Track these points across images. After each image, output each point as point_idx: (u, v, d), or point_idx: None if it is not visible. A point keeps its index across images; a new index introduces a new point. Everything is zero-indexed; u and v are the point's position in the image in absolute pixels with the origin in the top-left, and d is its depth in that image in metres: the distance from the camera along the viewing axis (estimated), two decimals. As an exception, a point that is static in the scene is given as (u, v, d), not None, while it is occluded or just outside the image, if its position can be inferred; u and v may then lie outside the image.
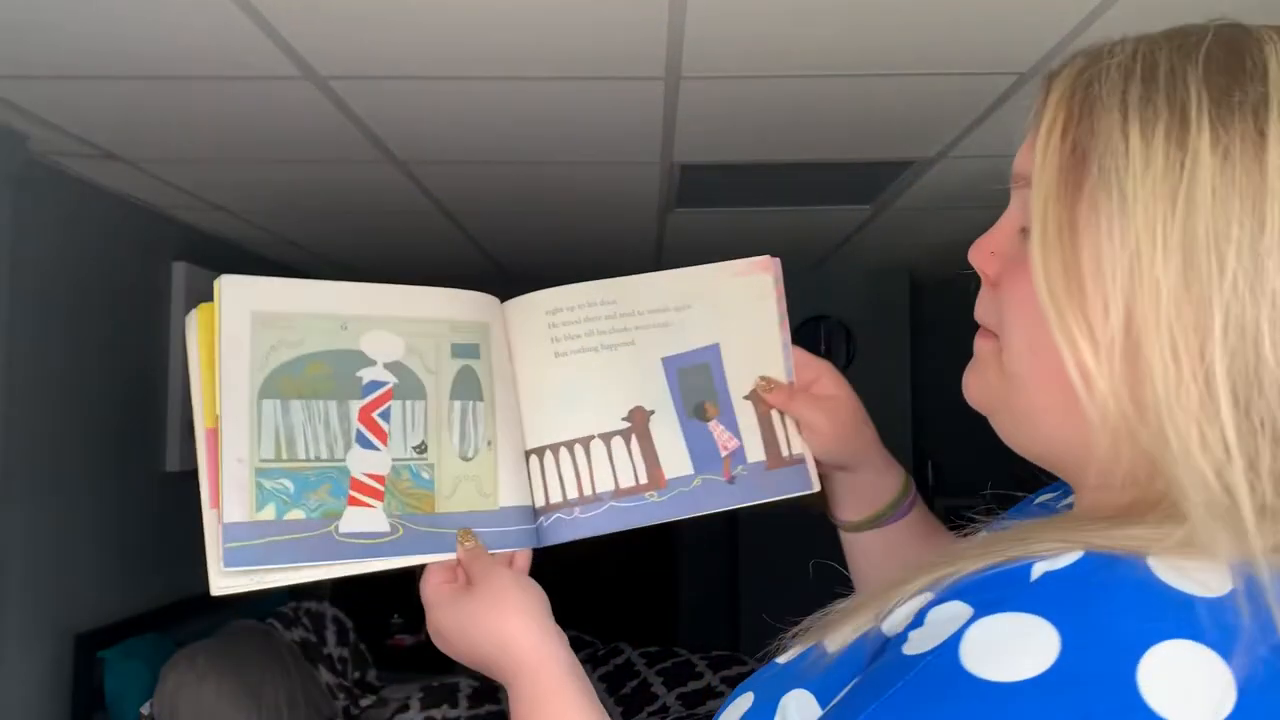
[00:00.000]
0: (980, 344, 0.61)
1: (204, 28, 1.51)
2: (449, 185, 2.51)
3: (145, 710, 2.49)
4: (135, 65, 1.66)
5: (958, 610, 0.46)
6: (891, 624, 0.49)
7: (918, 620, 0.48)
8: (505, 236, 3.17)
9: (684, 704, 3.15)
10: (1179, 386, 0.46)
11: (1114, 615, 0.43)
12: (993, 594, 0.46)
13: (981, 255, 0.60)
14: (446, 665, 3.98)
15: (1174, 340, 0.47)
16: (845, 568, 0.90)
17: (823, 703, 0.51)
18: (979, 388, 0.60)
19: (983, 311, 0.61)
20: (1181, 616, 0.43)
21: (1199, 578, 0.44)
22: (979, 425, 0.62)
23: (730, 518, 4.35)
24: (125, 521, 2.61)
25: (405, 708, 3.06)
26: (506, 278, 3.90)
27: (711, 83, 1.77)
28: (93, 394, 2.47)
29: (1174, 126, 0.48)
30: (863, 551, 0.88)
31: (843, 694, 0.49)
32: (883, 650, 0.49)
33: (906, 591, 0.50)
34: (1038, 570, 0.46)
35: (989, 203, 0.61)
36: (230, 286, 0.74)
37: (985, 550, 0.49)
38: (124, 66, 1.67)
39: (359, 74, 1.71)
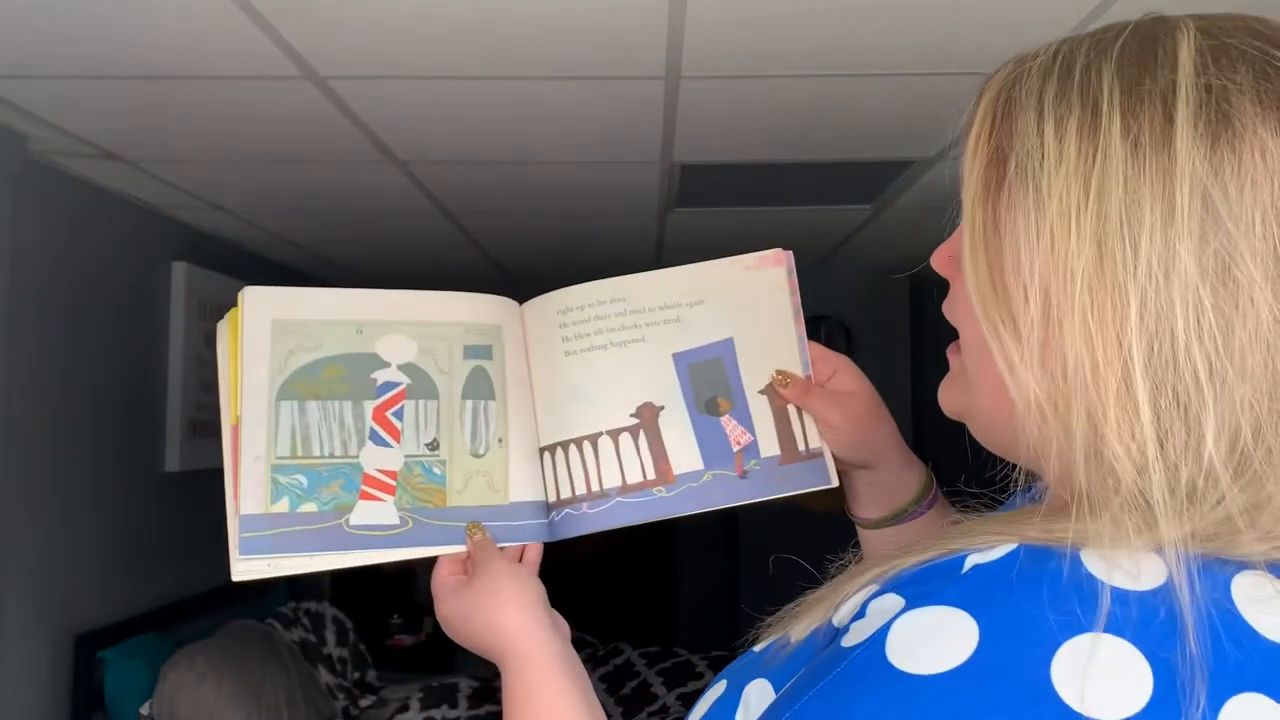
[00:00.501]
0: (950, 356, 0.63)
1: (204, 28, 1.51)
2: (449, 185, 2.51)
3: (145, 710, 2.49)
4: (135, 65, 1.67)
5: (891, 602, 0.47)
6: (841, 615, 0.50)
7: (860, 612, 0.49)
8: (505, 236, 3.18)
9: (684, 704, 3.15)
10: (1094, 372, 0.47)
11: (1033, 608, 0.43)
12: (924, 587, 0.47)
13: (941, 259, 0.61)
14: (446, 665, 3.98)
15: (1089, 327, 0.47)
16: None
17: (777, 692, 0.51)
18: (948, 397, 0.62)
19: (949, 310, 0.62)
20: (1105, 609, 0.43)
21: (1130, 570, 0.45)
22: (979, 426, 0.62)
23: (731, 517, 4.35)
24: (125, 521, 2.61)
25: (405, 708, 3.06)
26: (507, 278, 3.90)
27: (711, 83, 1.77)
28: (93, 394, 2.47)
29: (1086, 119, 0.50)
30: (882, 549, 0.86)
31: (789, 684, 0.50)
32: (832, 641, 0.50)
33: (859, 583, 0.51)
34: (969, 563, 0.47)
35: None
36: (252, 296, 0.80)
37: (933, 543, 0.50)
38: (124, 66, 1.67)
39: (359, 74, 1.71)
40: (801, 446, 0.85)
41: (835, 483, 0.85)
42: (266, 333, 0.79)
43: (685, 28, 1.53)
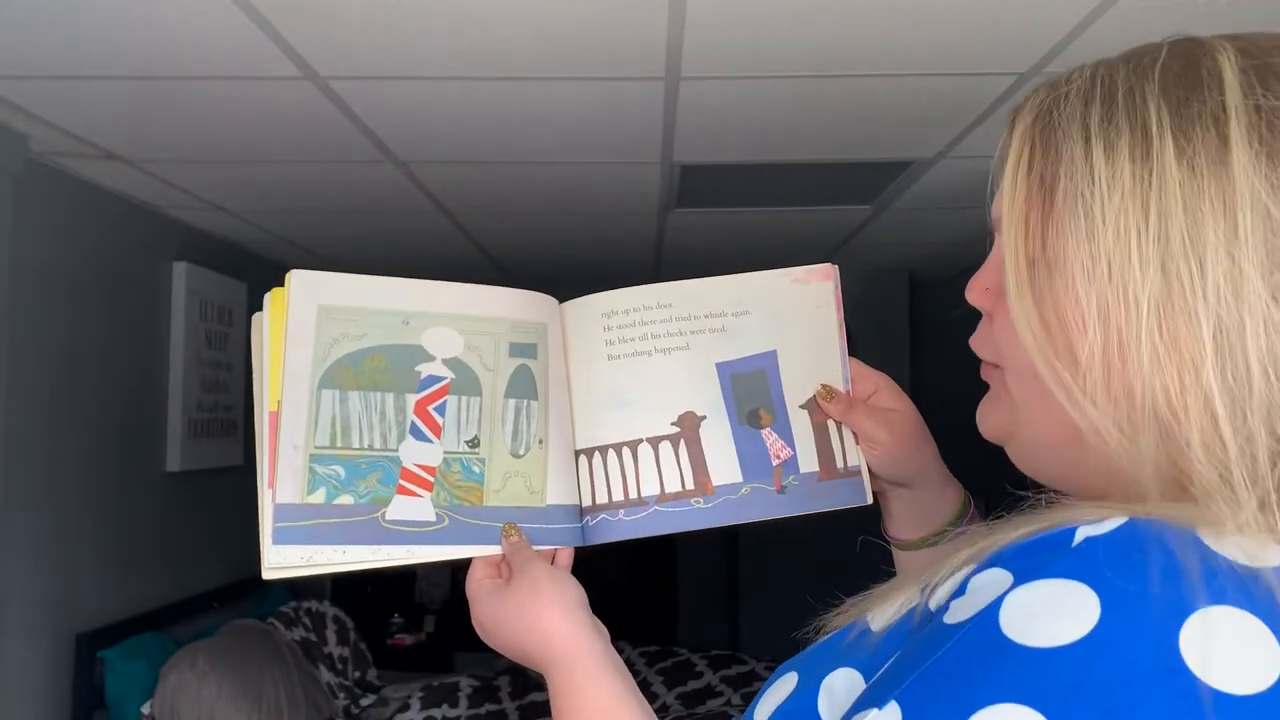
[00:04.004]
0: (990, 375, 0.61)
1: (204, 28, 1.51)
2: (449, 185, 2.51)
3: (145, 710, 2.49)
4: (135, 65, 1.67)
5: (998, 577, 0.46)
6: (938, 598, 0.49)
7: (960, 590, 0.48)
8: (505, 237, 3.17)
9: (684, 704, 3.15)
10: (1168, 398, 0.47)
11: (1154, 579, 0.43)
12: (1033, 560, 0.46)
13: (976, 291, 0.60)
14: (446, 665, 3.98)
15: (1158, 353, 0.47)
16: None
17: (869, 680, 0.50)
18: (995, 419, 0.60)
19: (980, 345, 0.61)
20: (1227, 583, 0.42)
21: (1247, 548, 0.44)
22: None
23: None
24: (125, 521, 2.61)
25: (405, 707, 3.06)
26: (507, 278, 3.90)
27: (711, 83, 1.77)
28: (93, 394, 2.47)
29: (1137, 143, 0.49)
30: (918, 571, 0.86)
31: (886, 666, 0.49)
32: (928, 623, 0.49)
33: (951, 565, 0.50)
34: (1080, 535, 0.46)
35: (989, 203, 0.62)
36: (299, 280, 0.78)
37: (1030, 519, 0.49)
38: (124, 66, 1.67)
39: (359, 74, 1.71)
40: (840, 464, 0.84)
41: (870, 501, 0.85)
42: (312, 318, 0.77)
43: (685, 28, 1.53)
